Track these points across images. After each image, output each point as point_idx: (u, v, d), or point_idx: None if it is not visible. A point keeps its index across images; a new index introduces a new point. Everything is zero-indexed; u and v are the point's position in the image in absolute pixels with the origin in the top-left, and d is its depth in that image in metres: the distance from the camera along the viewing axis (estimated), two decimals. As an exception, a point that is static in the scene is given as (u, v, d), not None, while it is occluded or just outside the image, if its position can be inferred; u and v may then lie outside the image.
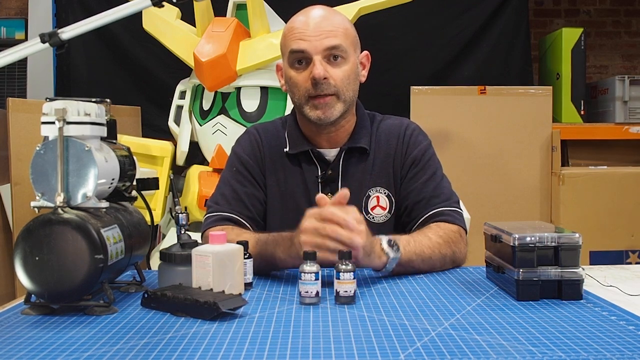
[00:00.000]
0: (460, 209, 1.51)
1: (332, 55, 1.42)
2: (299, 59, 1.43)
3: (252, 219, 1.49)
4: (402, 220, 1.52)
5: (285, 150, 1.53)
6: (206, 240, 1.41)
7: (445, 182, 1.53)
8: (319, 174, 1.50)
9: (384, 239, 1.28)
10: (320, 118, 1.44)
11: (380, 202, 1.50)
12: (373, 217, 1.50)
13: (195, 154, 2.76)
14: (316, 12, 1.47)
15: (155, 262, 2.50)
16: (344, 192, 1.22)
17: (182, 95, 2.80)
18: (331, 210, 1.19)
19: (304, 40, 1.41)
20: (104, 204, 1.10)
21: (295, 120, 1.55)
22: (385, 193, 1.51)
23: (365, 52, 1.54)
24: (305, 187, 1.50)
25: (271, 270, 1.35)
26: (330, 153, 1.52)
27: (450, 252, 1.40)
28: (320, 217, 1.19)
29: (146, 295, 1.10)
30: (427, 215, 1.46)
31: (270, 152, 1.54)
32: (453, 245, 1.41)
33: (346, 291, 1.10)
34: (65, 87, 3.45)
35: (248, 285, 1.22)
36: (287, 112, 2.56)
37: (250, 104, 2.59)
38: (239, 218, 1.47)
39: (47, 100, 1.10)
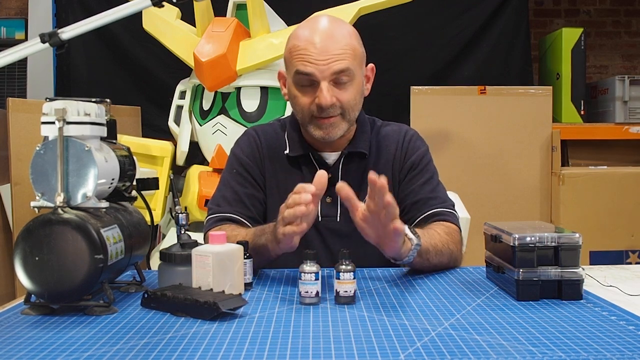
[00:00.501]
0: (456, 212, 1.52)
1: (339, 78, 1.40)
2: (305, 80, 1.40)
3: (253, 219, 1.49)
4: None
5: (285, 152, 1.53)
6: (207, 241, 1.41)
7: (441, 187, 1.55)
8: None
9: (404, 227, 1.26)
10: (324, 137, 1.44)
11: None
12: None
13: (195, 154, 2.76)
14: (323, 27, 1.41)
15: (155, 262, 2.50)
16: (321, 173, 1.19)
17: (182, 95, 2.80)
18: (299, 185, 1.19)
19: (311, 64, 1.38)
20: (104, 204, 1.10)
21: (296, 123, 1.55)
22: None
23: (371, 65, 1.51)
24: None
25: (266, 261, 1.35)
26: (331, 157, 1.52)
27: (456, 250, 1.42)
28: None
29: (146, 295, 1.10)
30: (425, 215, 1.47)
31: (269, 154, 1.54)
32: (457, 243, 1.44)
33: (346, 291, 1.10)
34: (65, 87, 3.45)
35: (248, 285, 1.22)
36: (287, 112, 2.57)
37: (250, 104, 2.59)
38: (240, 218, 1.48)
39: (47, 100, 1.10)
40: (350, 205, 1.17)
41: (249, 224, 1.48)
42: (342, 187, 1.16)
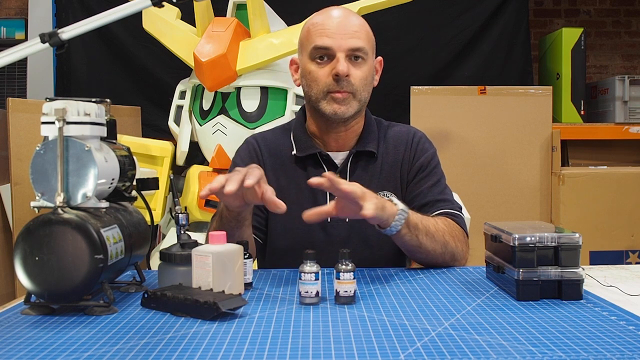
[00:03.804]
0: (463, 215, 1.52)
1: (354, 56, 1.44)
2: (322, 54, 1.44)
3: (255, 228, 1.49)
4: None
5: (293, 153, 1.52)
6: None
7: (449, 190, 1.56)
8: None
9: (392, 196, 1.37)
10: (337, 112, 1.44)
11: None
12: None
13: (195, 154, 2.76)
14: (339, 11, 1.48)
15: (155, 262, 2.50)
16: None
17: (182, 95, 2.80)
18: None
19: (329, 37, 1.43)
20: (104, 204, 1.10)
21: (302, 124, 1.55)
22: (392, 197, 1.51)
23: (379, 58, 1.55)
24: (312, 191, 1.49)
25: (235, 228, 1.34)
26: (339, 156, 1.52)
27: (453, 244, 1.42)
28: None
29: (146, 295, 1.10)
30: (432, 217, 1.46)
31: (270, 159, 1.54)
32: (456, 238, 1.43)
33: (346, 291, 1.10)
34: (65, 87, 3.45)
35: (248, 285, 1.22)
36: (287, 112, 2.57)
37: (250, 104, 2.59)
38: None
39: (47, 100, 1.10)
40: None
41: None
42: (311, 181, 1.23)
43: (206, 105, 2.66)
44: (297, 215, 1.49)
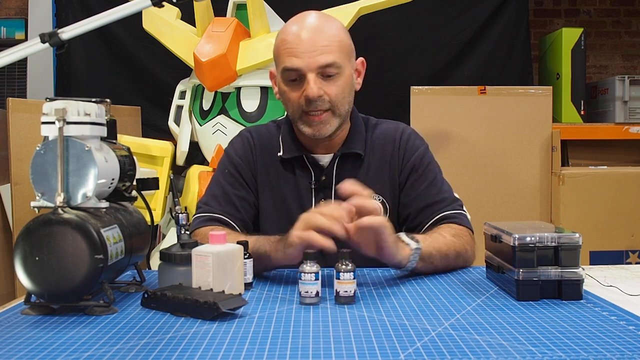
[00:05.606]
0: (465, 212, 1.50)
1: (327, 71, 1.38)
2: (294, 76, 1.39)
3: (242, 221, 1.48)
4: (406, 227, 1.51)
5: (279, 154, 1.51)
6: (202, 239, 1.41)
7: (447, 185, 1.52)
8: (313, 179, 1.49)
9: (401, 234, 1.29)
10: (315, 134, 1.42)
11: None
12: None
13: (195, 154, 2.76)
14: (310, 22, 1.42)
15: (155, 262, 2.50)
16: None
17: (182, 95, 2.80)
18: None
19: (297, 58, 1.37)
20: (104, 204, 1.10)
21: (290, 125, 1.53)
22: (379, 199, 1.48)
23: (361, 58, 1.50)
24: (298, 192, 1.49)
25: (261, 269, 1.34)
26: (324, 159, 1.50)
27: (464, 250, 1.40)
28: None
29: (146, 295, 1.10)
30: (434, 220, 1.45)
31: (262, 156, 1.53)
32: (465, 243, 1.41)
33: (346, 291, 1.10)
34: (65, 87, 3.45)
35: (248, 285, 1.22)
36: (287, 112, 2.57)
37: (250, 104, 2.59)
38: (228, 220, 1.46)
39: (47, 100, 1.10)
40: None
41: (236, 225, 1.46)
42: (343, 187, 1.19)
43: (206, 105, 2.66)
44: (283, 213, 1.49)
